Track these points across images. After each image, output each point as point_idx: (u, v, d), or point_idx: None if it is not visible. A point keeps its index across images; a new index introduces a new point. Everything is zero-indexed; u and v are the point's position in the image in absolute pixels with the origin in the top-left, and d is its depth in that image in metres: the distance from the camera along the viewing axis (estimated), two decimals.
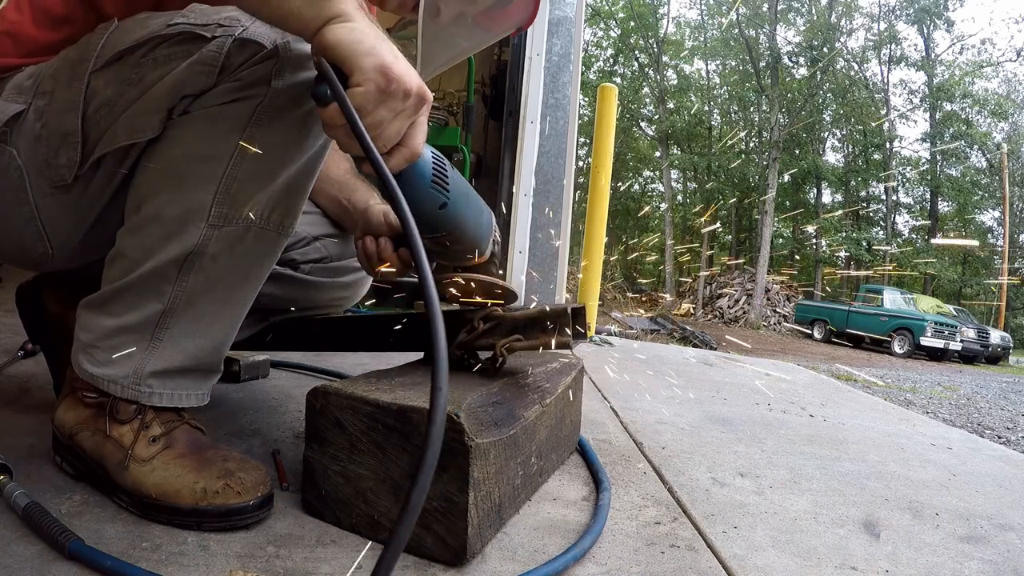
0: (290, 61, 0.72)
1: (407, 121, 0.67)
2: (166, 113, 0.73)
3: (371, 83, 0.63)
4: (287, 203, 0.78)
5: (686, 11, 38.87)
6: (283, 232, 0.79)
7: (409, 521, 0.42)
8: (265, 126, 0.73)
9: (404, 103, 0.65)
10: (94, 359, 0.77)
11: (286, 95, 0.72)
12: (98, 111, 0.75)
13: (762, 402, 1.90)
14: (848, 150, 25.30)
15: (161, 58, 0.73)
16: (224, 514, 0.71)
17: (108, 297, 0.77)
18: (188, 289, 0.76)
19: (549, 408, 0.93)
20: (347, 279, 1.14)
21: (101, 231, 0.83)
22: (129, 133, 0.74)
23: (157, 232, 0.74)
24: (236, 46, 0.71)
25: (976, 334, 13.90)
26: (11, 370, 1.28)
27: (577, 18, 3.25)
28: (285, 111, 0.73)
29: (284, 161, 0.75)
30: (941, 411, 4.73)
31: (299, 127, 0.74)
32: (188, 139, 0.73)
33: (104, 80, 0.74)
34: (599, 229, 3.47)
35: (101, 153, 0.75)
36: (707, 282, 21.61)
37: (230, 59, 0.71)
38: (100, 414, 0.78)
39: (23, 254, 0.85)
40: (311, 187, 0.81)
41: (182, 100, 0.73)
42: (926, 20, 22.53)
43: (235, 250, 0.76)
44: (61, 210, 0.80)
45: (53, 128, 0.76)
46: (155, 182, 0.75)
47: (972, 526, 0.99)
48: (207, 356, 0.80)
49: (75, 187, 0.77)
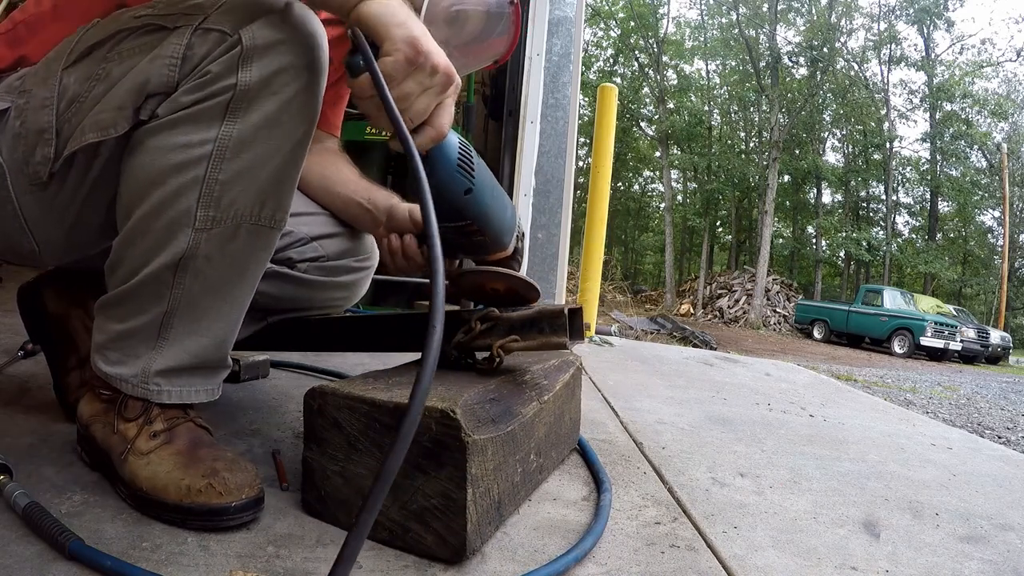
0: (256, 49, 0.70)
1: (435, 99, 0.67)
2: (132, 111, 0.72)
3: (400, 53, 0.64)
4: (276, 196, 0.77)
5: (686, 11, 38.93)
6: (275, 226, 0.79)
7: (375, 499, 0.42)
8: (240, 122, 0.71)
9: (432, 79, 0.66)
10: (107, 359, 0.79)
11: (257, 86, 0.70)
12: (69, 107, 0.74)
13: (762, 402, 1.90)
14: (848, 150, 25.31)
15: (125, 52, 0.72)
16: (206, 513, 0.71)
17: (115, 301, 0.78)
18: (186, 290, 0.76)
19: (547, 405, 0.93)
20: (345, 279, 1.14)
21: (84, 230, 0.83)
22: (96, 130, 0.73)
23: (147, 242, 0.74)
24: (198, 36, 0.69)
25: (976, 334, 13.90)
26: (11, 370, 1.28)
27: (577, 18, 3.25)
28: (259, 102, 0.71)
29: (266, 155, 0.74)
30: (941, 411, 4.73)
31: (276, 117, 0.72)
32: (164, 148, 0.71)
33: (74, 76, 0.74)
34: (599, 229, 3.48)
35: (72, 150, 0.74)
36: (707, 282, 21.62)
37: (192, 50, 0.69)
38: (111, 409, 0.80)
39: (13, 251, 0.86)
40: (299, 176, 0.79)
41: (149, 99, 0.71)
42: (926, 20, 22.55)
43: (228, 249, 0.76)
44: (41, 208, 0.80)
45: (30, 126, 0.76)
46: (138, 192, 0.74)
47: (972, 526, 0.99)
48: (211, 353, 0.81)
49: (51, 185, 0.77)
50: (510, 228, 0.88)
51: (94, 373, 0.82)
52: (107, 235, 0.81)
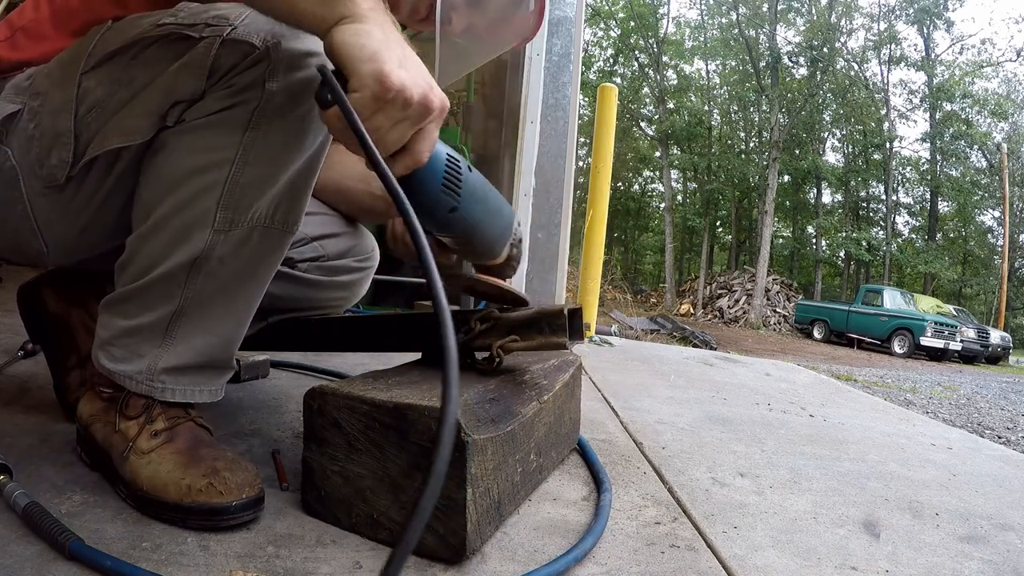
0: (283, 61, 0.71)
1: (409, 130, 0.65)
2: (157, 118, 0.73)
3: (367, 90, 0.61)
4: (291, 202, 0.79)
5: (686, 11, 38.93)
6: (288, 230, 0.80)
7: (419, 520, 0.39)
8: (264, 130, 0.73)
9: (404, 112, 0.63)
10: (111, 355, 0.79)
11: (282, 96, 0.72)
12: (89, 112, 0.75)
13: (762, 402, 1.90)
14: (848, 150, 25.31)
15: (151, 59, 0.73)
16: (206, 513, 0.71)
17: (123, 299, 0.78)
18: (197, 290, 0.77)
19: (547, 405, 0.93)
20: (345, 279, 1.14)
21: (96, 232, 0.83)
22: (120, 136, 0.74)
23: (164, 239, 0.75)
24: (225, 47, 0.70)
25: (976, 334, 13.90)
26: (11, 370, 1.28)
27: (577, 18, 3.25)
28: (282, 113, 0.73)
29: (286, 162, 0.76)
30: (941, 411, 4.73)
31: (298, 127, 0.74)
32: (188, 149, 0.73)
33: (95, 80, 0.74)
34: (599, 229, 3.48)
35: (93, 155, 0.75)
36: (707, 282, 21.63)
37: (219, 61, 0.70)
38: (112, 408, 0.80)
39: (19, 251, 0.86)
40: (314, 182, 0.81)
41: (174, 107, 0.72)
42: (926, 20, 22.55)
43: (242, 251, 0.77)
44: (54, 210, 0.80)
45: (46, 128, 0.76)
46: (159, 192, 0.75)
47: (972, 526, 0.99)
48: (218, 353, 0.82)
49: (67, 188, 0.78)
50: (502, 238, 0.87)
51: (95, 372, 0.82)
52: (118, 236, 0.81)
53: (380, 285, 2.98)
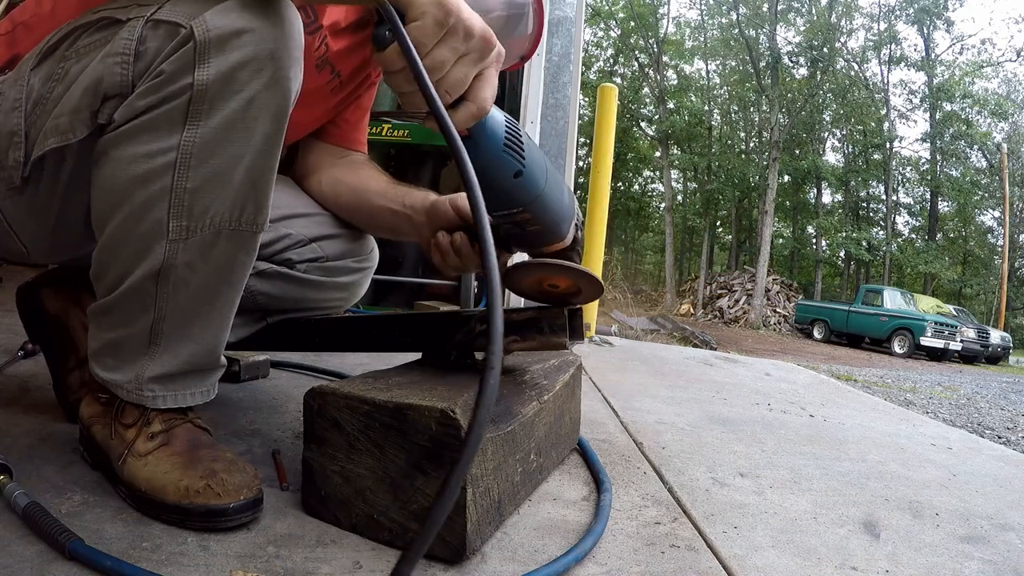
0: (212, 43, 0.64)
1: (472, 68, 0.60)
2: (88, 114, 0.68)
3: (428, 16, 0.57)
4: (254, 198, 0.72)
5: (686, 11, 38.94)
6: (256, 230, 0.75)
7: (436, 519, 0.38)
8: (203, 125, 0.66)
9: (467, 44, 0.59)
10: (103, 364, 0.79)
11: (217, 82, 0.65)
12: (35, 109, 0.72)
13: (762, 402, 1.90)
14: (848, 150, 25.31)
15: (82, 49, 0.69)
16: (205, 514, 0.71)
17: (103, 311, 0.77)
18: (171, 299, 0.74)
19: (547, 405, 0.93)
20: (344, 279, 1.14)
21: (67, 230, 0.81)
22: (56, 135, 0.70)
23: (124, 253, 0.72)
24: (150, 29, 0.64)
25: (976, 334, 13.89)
26: (11, 370, 1.28)
27: (577, 18, 3.25)
28: (220, 100, 0.66)
29: (235, 156, 0.69)
30: (941, 411, 4.73)
31: (242, 116, 0.67)
32: (127, 159, 0.68)
33: (38, 77, 0.72)
34: (599, 229, 3.47)
35: (38, 155, 0.72)
36: (707, 282, 21.63)
37: (144, 45, 0.65)
38: (109, 411, 0.81)
39: (7, 249, 0.86)
40: (275, 171, 0.75)
41: (106, 102, 0.67)
42: (926, 20, 22.54)
43: (209, 256, 0.73)
44: (20, 211, 0.79)
45: (2, 128, 0.74)
46: (109, 204, 0.71)
47: (972, 526, 0.99)
48: (203, 358, 0.80)
49: (26, 189, 0.76)
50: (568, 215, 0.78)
51: (92, 376, 0.82)
52: (92, 236, 0.78)
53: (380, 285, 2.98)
